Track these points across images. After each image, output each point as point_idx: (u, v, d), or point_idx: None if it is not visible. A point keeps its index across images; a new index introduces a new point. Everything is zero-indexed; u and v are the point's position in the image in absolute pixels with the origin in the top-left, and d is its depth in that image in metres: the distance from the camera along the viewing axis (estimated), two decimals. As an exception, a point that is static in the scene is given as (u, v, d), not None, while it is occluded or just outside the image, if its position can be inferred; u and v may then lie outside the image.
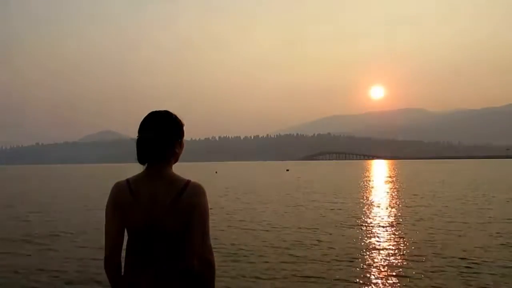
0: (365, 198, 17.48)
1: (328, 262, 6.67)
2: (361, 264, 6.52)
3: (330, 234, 9.12)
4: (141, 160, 1.76)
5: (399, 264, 6.53)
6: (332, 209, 13.69)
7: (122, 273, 1.78)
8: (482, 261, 6.51)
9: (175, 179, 1.76)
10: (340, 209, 13.66)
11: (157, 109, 1.85)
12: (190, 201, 1.71)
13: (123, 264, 1.78)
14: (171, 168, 1.81)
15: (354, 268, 6.29)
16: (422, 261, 6.59)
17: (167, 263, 1.71)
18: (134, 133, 1.83)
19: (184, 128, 1.85)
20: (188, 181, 1.75)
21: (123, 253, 1.77)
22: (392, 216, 11.83)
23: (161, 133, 1.76)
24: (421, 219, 11.12)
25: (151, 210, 1.71)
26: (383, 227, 10.07)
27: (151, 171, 1.77)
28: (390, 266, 6.42)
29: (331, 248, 7.70)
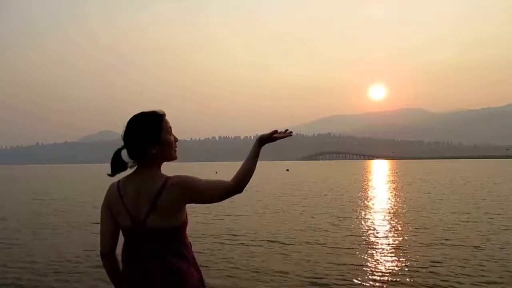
0: (361, 199, 17.46)
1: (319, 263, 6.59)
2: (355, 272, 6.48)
3: (322, 234, 9.06)
4: (112, 172, 1.79)
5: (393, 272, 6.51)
6: (328, 210, 13.68)
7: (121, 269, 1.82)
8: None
9: (156, 177, 1.76)
10: (336, 210, 13.65)
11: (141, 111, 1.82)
12: (171, 195, 1.71)
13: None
14: (157, 167, 1.81)
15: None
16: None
17: (153, 263, 1.70)
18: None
19: (183, 127, 2.07)
20: (168, 177, 1.76)
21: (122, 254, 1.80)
22: (387, 220, 11.82)
23: (126, 144, 1.76)
24: (420, 226, 11.08)
25: (135, 210, 1.73)
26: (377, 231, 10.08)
27: (136, 172, 1.79)
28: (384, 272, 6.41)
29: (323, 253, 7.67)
